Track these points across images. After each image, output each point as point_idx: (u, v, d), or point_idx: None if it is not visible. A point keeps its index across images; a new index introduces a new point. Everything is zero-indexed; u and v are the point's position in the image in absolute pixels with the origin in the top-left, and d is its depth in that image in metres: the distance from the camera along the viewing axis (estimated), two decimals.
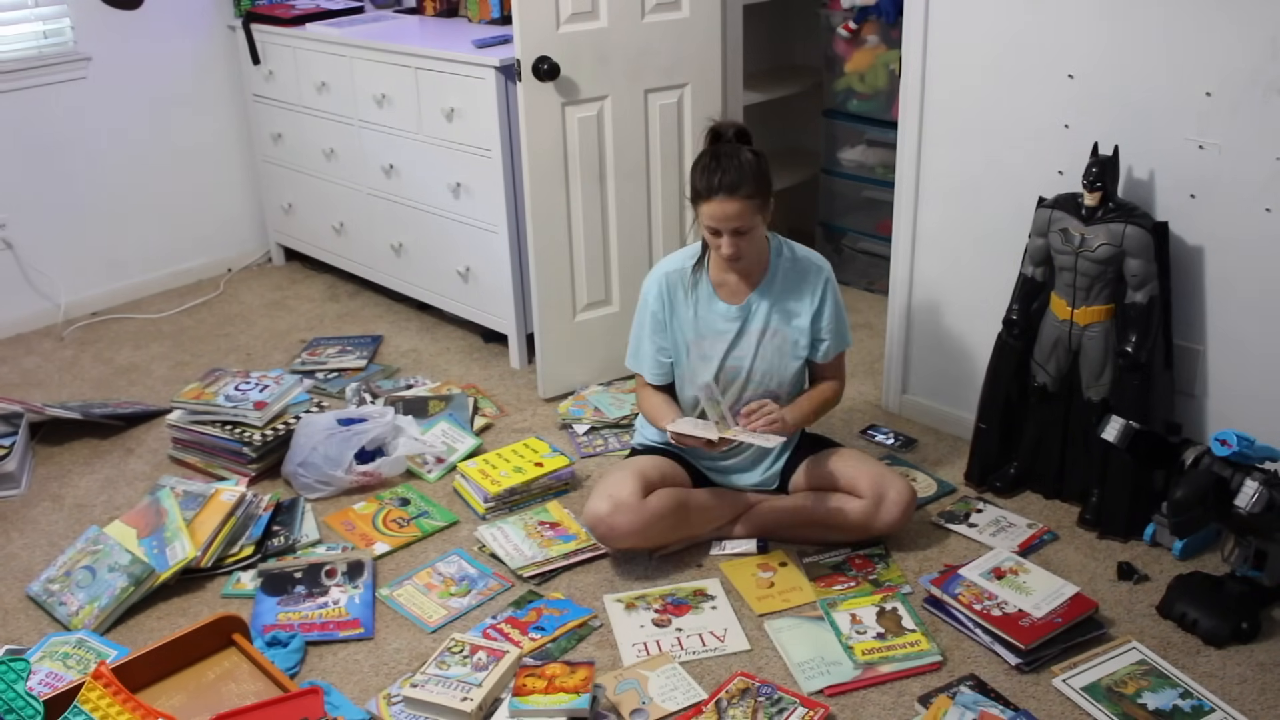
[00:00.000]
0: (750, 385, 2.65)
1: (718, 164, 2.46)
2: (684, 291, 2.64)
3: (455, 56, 3.43)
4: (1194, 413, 2.69)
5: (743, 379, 2.65)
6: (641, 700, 2.21)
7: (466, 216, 3.62)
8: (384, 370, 3.65)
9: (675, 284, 2.64)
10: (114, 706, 1.99)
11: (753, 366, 2.63)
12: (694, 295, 2.63)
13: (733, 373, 2.64)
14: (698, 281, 2.63)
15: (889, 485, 2.58)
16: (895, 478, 2.62)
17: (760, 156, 2.51)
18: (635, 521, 2.52)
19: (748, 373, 2.64)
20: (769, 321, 2.62)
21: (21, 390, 3.60)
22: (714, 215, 2.46)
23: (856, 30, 3.90)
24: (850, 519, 2.59)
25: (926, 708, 2.16)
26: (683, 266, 2.65)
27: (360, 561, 2.61)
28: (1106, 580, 2.54)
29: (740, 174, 2.45)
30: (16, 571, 2.70)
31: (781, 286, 2.63)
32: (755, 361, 2.63)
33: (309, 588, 2.55)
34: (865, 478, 2.59)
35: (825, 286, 2.64)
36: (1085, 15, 2.59)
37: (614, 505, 2.52)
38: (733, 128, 2.54)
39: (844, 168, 4.16)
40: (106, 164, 4.14)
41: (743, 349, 2.63)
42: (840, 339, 2.69)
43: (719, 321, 2.63)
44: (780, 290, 2.63)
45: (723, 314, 2.63)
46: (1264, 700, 2.18)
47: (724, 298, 2.63)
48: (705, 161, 2.49)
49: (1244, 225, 2.49)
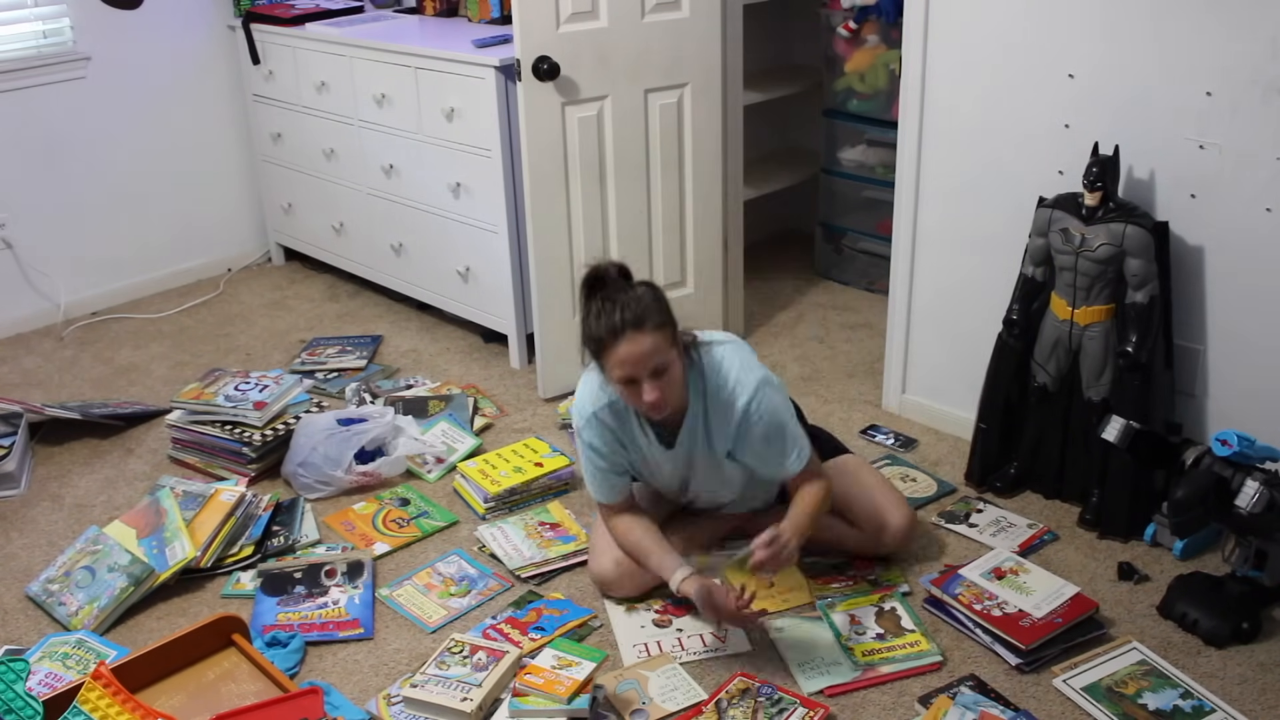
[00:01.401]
0: (731, 506, 2.58)
1: (614, 304, 2.17)
2: (620, 422, 2.36)
3: (455, 56, 3.43)
4: (1194, 413, 2.69)
5: (708, 496, 2.53)
6: (641, 700, 2.20)
7: (466, 216, 3.62)
8: (384, 370, 3.65)
9: (609, 417, 2.35)
10: (113, 707, 1.99)
11: (716, 488, 2.49)
12: (629, 427, 2.37)
13: (707, 499, 2.55)
14: (626, 415, 2.35)
15: (886, 515, 2.51)
16: (892, 506, 2.52)
17: (653, 287, 2.23)
18: (638, 586, 2.48)
19: (713, 494, 2.51)
20: (706, 457, 2.38)
21: (21, 390, 3.59)
22: (626, 359, 2.15)
23: (856, 30, 3.90)
24: (849, 547, 2.57)
25: (927, 708, 2.16)
26: (606, 401, 2.34)
27: (360, 562, 2.61)
28: (1107, 580, 2.54)
29: (641, 306, 2.16)
30: (16, 572, 2.69)
31: (704, 415, 2.33)
32: (714, 484, 2.47)
33: (308, 588, 2.55)
34: (860, 506, 2.51)
35: (743, 418, 2.29)
36: (1085, 15, 2.58)
37: (619, 574, 2.46)
38: (614, 267, 2.22)
39: (844, 168, 4.16)
40: (106, 164, 4.14)
41: (702, 480, 2.46)
42: (778, 466, 2.35)
43: (664, 463, 2.41)
44: (703, 420, 2.33)
45: (659, 448, 2.38)
46: (1264, 700, 2.17)
47: (657, 438, 2.37)
48: (598, 306, 2.19)
49: (1244, 225, 2.49)
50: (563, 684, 2.13)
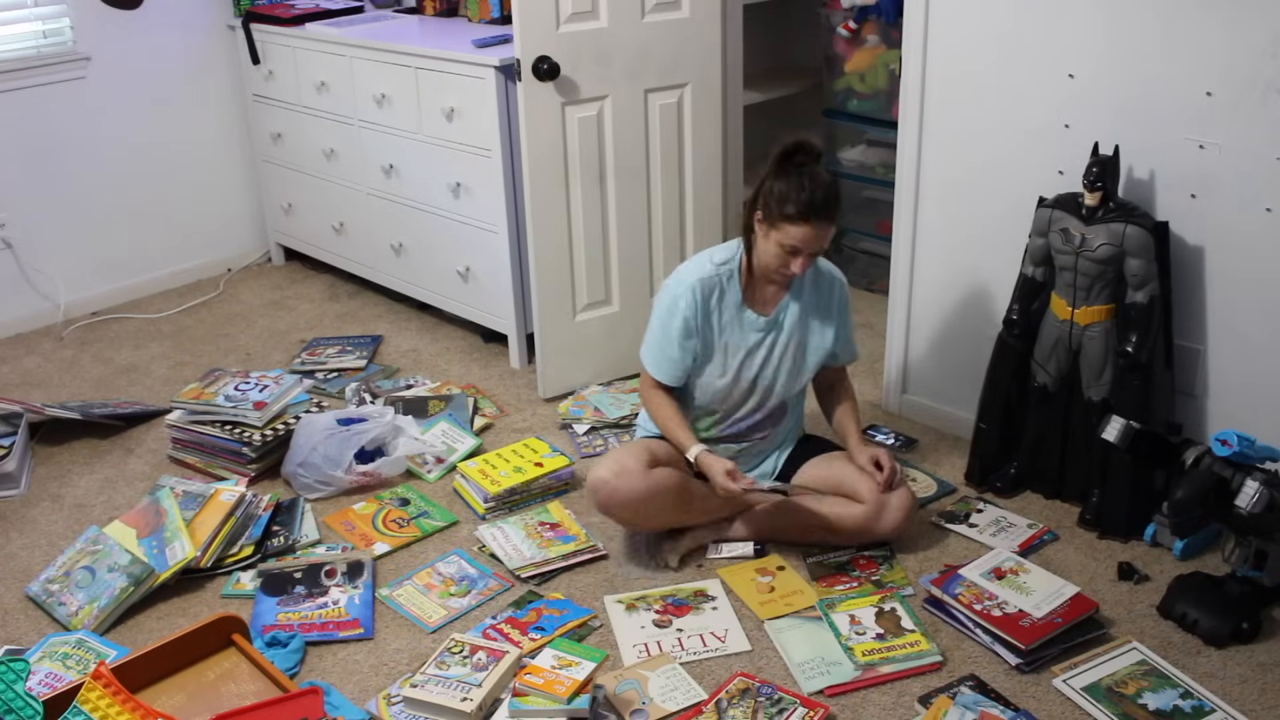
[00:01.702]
0: (764, 395, 2.66)
1: (815, 185, 2.39)
2: (717, 299, 2.59)
3: (455, 56, 3.43)
4: (1194, 413, 2.69)
5: (760, 388, 2.65)
6: (642, 700, 2.20)
7: (466, 216, 3.62)
8: (384, 370, 3.65)
9: (710, 291, 2.58)
10: (114, 707, 1.99)
11: (773, 378, 2.64)
12: (726, 304, 2.60)
13: (749, 382, 2.64)
14: (730, 290, 2.59)
15: (891, 491, 2.58)
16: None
17: (835, 179, 2.48)
18: (638, 489, 2.51)
19: (768, 383, 2.64)
20: (794, 333, 2.62)
21: (21, 390, 3.59)
22: (804, 239, 2.41)
23: (856, 30, 3.90)
24: (851, 524, 2.59)
25: (927, 708, 2.16)
26: (713, 274, 2.58)
27: (360, 562, 2.61)
28: (1107, 580, 2.54)
29: (833, 198, 2.42)
30: (16, 572, 2.69)
31: (809, 297, 2.63)
32: (775, 373, 2.64)
33: (308, 588, 2.55)
34: (866, 483, 2.58)
35: (843, 296, 2.66)
36: (1085, 15, 2.58)
37: (619, 469, 2.53)
38: (817, 149, 2.46)
39: (844, 168, 4.16)
40: (106, 164, 4.14)
41: (764, 359, 2.62)
42: (853, 347, 2.74)
43: (748, 332, 2.61)
44: (807, 300, 2.62)
45: (752, 324, 2.61)
46: (1264, 700, 2.17)
47: (753, 307, 2.61)
48: (800, 183, 2.39)
49: (1244, 225, 2.49)
50: (563, 684, 2.13)
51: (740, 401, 2.67)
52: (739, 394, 2.66)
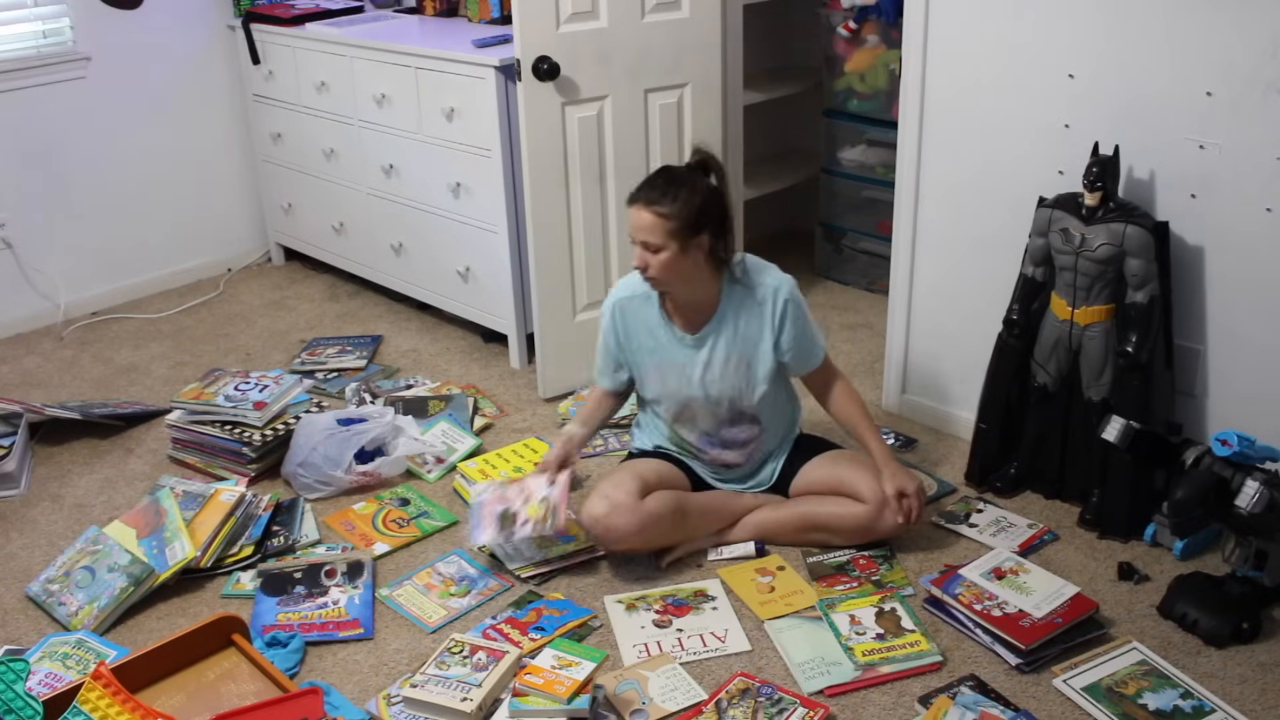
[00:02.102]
0: (721, 409, 2.64)
1: (656, 176, 2.47)
2: (638, 319, 2.61)
3: (455, 56, 3.43)
4: (1194, 413, 2.69)
5: (711, 405, 2.63)
6: (641, 700, 2.20)
7: (466, 216, 3.62)
8: (384, 370, 3.65)
9: (629, 311, 2.62)
10: (113, 707, 1.99)
11: (719, 391, 2.61)
12: (648, 324, 2.60)
13: (699, 400, 2.62)
14: (649, 309, 2.60)
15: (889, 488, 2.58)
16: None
17: (713, 191, 2.47)
18: (633, 522, 2.51)
19: (715, 398, 2.62)
20: (730, 350, 2.58)
21: (21, 390, 3.60)
22: (633, 224, 2.46)
23: (856, 30, 3.90)
24: (851, 524, 2.59)
25: (927, 708, 2.16)
26: (633, 294, 2.61)
27: (360, 562, 2.61)
28: (1107, 580, 2.54)
29: (668, 192, 2.42)
30: (16, 572, 2.69)
31: (735, 317, 2.57)
32: (720, 388, 2.60)
33: (309, 588, 2.55)
34: (867, 483, 2.58)
35: (785, 308, 2.56)
36: (1085, 15, 2.58)
37: (611, 506, 2.52)
38: (700, 154, 2.51)
39: (844, 168, 4.16)
40: (106, 164, 4.14)
41: (703, 376, 2.59)
42: (810, 355, 2.64)
43: (676, 349, 2.60)
44: (735, 321, 2.57)
45: (680, 341, 2.59)
46: (1264, 700, 2.17)
47: (680, 326, 2.60)
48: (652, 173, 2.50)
49: (1244, 225, 2.49)
50: (563, 684, 2.13)
51: (700, 414, 2.65)
52: (693, 407, 2.64)
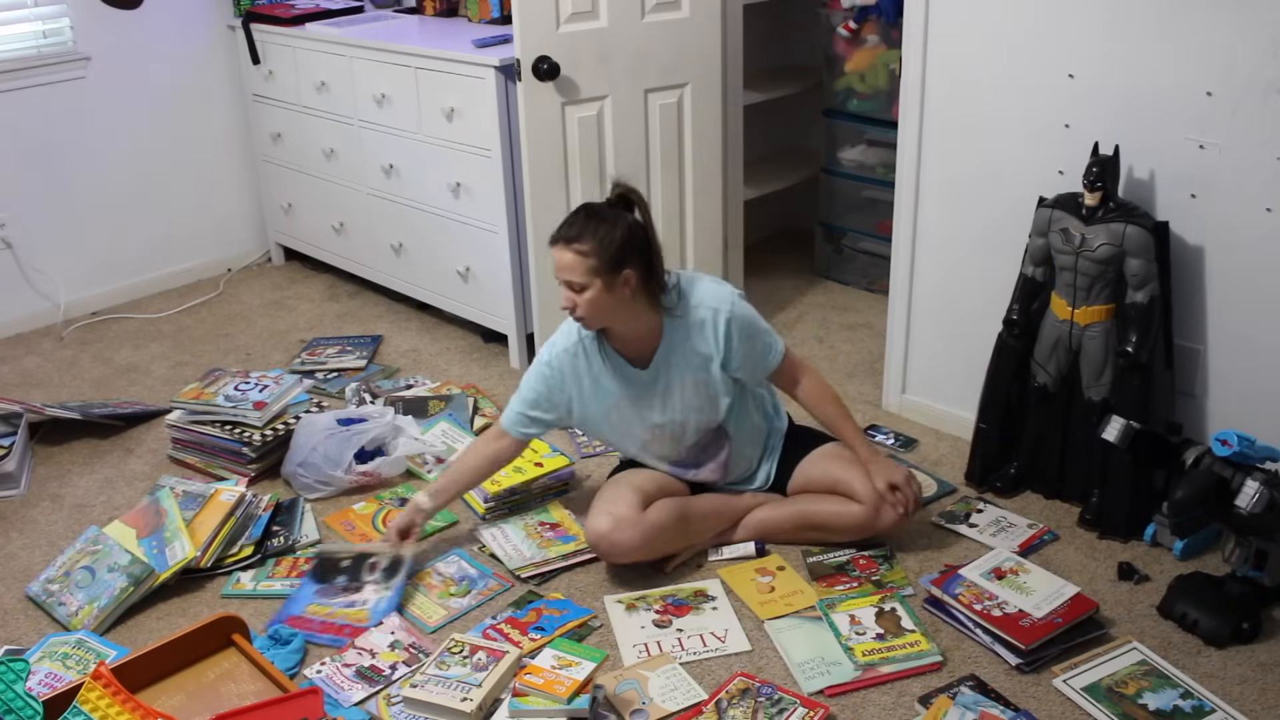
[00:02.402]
0: (690, 431, 2.61)
1: (575, 215, 2.40)
2: (586, 364, 2.54)
3: (455, 56, 3.43)
4: (1194, 413, 2.69)
5: (677, 432, 2.60)
6: (641, 700, 2.20)
7: (466, 216, 3.62)
8: (384, 370, 3.65)
9: (571, 361, 2.54)
10: (113, 707, 1.99)
11: (683, 417, 2.57)
12: (598, 366, 2.54)
13: (669, 426, 2.59)
14: (595, 351, 2.53)
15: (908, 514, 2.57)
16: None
17: (634, 225, 2.39)
18: (637, 536, 2.49)
19: (680, 425, 2.59)
20: (682, 375, 2.52)
21: (21, 390, 3.59)
22: (557, 265, 2.39)
23: (856, 30, 3.90)
24: (850, 523, 2.59)
25: (927, 708, 2.16)
26: (573, 344, 2.53)
27: (400, 559, 2.59)
28: (1107, 580, 2.54)
29: (587, 230, 2.35)
30: (16, 572, 2.69)
31: (682, 343, 2.51)
32: (684, 414, 2.57)
33: (350, 579, 2.55)
34: (861, 481, 2.57)
35: (726, 328, 2.48)
36: (1085, 15, 2.58)
37: (615, 521, 2.49)
38: (620, 189, 2.43)
39: (844, 168, 4.16)
40: (106, 164, 4.14)
41: (662, 405, 2.56)
42: (763, 361, 2.57)
43: (631, 388, 2.55)
44: (682, 347, 2.51)
45: (632, 378, 2.54)
46: (1265, 700, 2.17)
47: (629, 360, 2.53)
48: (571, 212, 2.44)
49: (1244, 225, 2.49)
50: (563, 684, 2.13)
51: (665, 444, 2.63)
52: (658, 439, 2.61)
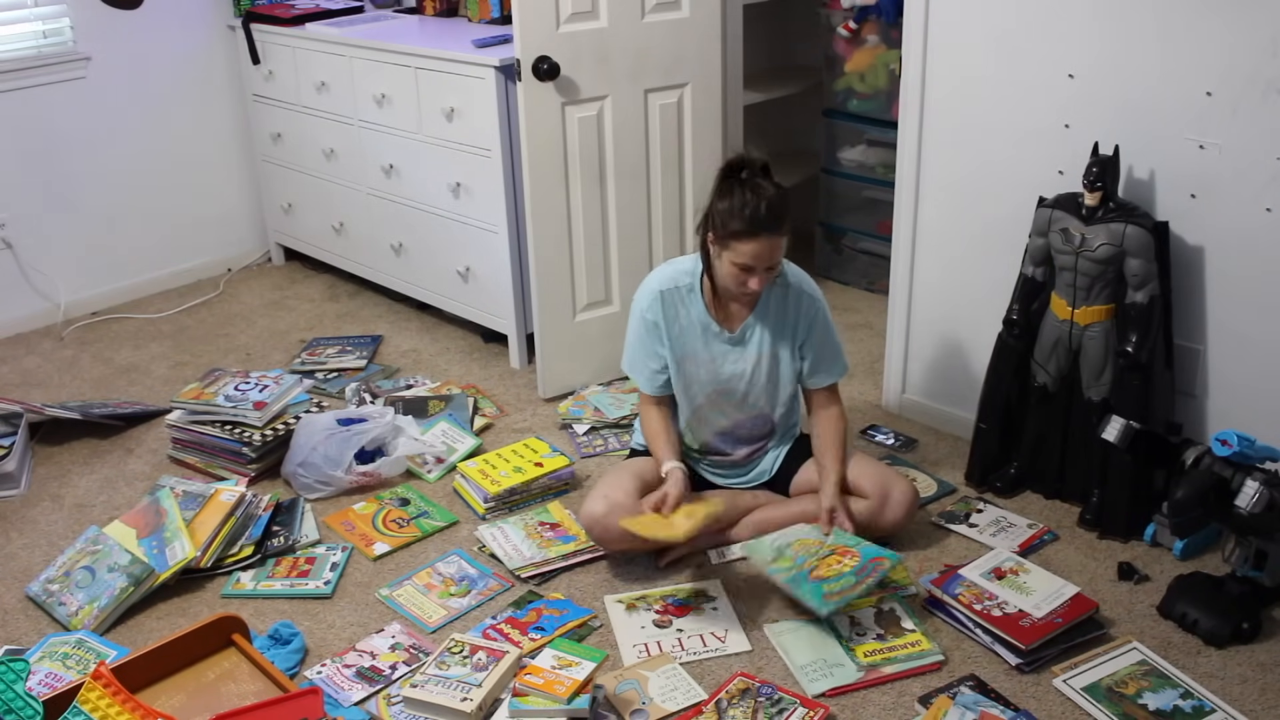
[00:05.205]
0: (745, 407, 2.66)
1: (759, 199, 2.37)
2: (680, 310, 2.60)
3: (455, 56, 3.43)
4: (1194, 413, 2.69)
5: (737, 400, 2.65)
6: (641, 700, 2.20)
7: (466, 216, 3.62)
8: (384, 370, 3.65)
9: (672, 302, 2.60)
10: (113, 707, 1.99)
11: (748, 390, 2.63)
12: (689, 316, 2.60)
13: (728, 394, 2.64)
14: (693, 303, 2.59)
15: (893, 485, 2.59)
16: (898, 477, 2.63)
17: (785, 194, 2.43)
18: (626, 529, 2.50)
19: (742, 395, 2.64)
20: (763, 348, 2.60)
21: (21, 390, 3.59)
22: (755, 255, 2.39)
23: (856, 30, 3.90)
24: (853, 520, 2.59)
25: (927, 708, 2.16)
26: (676, 285, 2.60)
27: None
28: (1107, 580, 2.54)
29: (781, 211, 2.39)
30: (16, 572, 2.69)
31: (775, 312, 2.59)
32: (750, 385, 2.63)
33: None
34: (868, 478, 2.59)
35: (815, 316, 2.60)
36: (1085, 15, 2.58)
37: (610, 506, 2.51)
38: (760, 162, 2.44)
39: (844, 168, 4.16)
40: (106, 164, 4.14)
41: (739, 372, 2.62)
42: (830, 368, 2.66)
43: (713, 345, 2.61)
44: (774, 316, 2.59)
45: (717, 337, 2.60)
46: (1265, 700, 2.17)
47: (719, 321, 2.60)
48: (742, 195, 2.38)
49: (1244, 225, 2.49)
50: (563, 684, 2.13)
51: (724, 409, 2.66)
52: (717, 403, 2.65)
